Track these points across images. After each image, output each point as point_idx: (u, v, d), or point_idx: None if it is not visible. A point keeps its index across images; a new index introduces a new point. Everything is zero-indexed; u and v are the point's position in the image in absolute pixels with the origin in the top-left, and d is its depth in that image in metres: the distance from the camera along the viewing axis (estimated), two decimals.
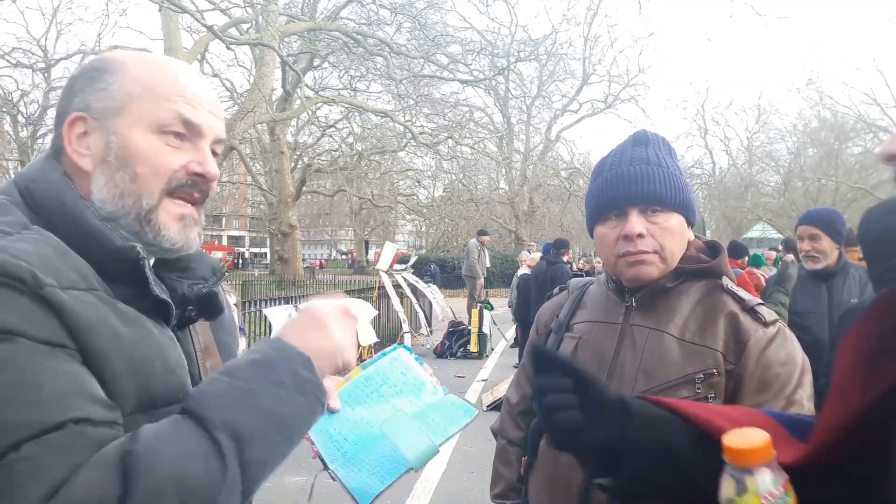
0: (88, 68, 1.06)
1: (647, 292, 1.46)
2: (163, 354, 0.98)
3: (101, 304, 0.92)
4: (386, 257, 11.54)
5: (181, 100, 1.04)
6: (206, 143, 1.07)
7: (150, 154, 1.01)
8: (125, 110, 1.02)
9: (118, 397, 0.90)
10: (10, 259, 0.85)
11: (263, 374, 0.92)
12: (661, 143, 1.50)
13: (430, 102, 22.65)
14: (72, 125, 1.03)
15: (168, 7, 10.61)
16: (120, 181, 1.01)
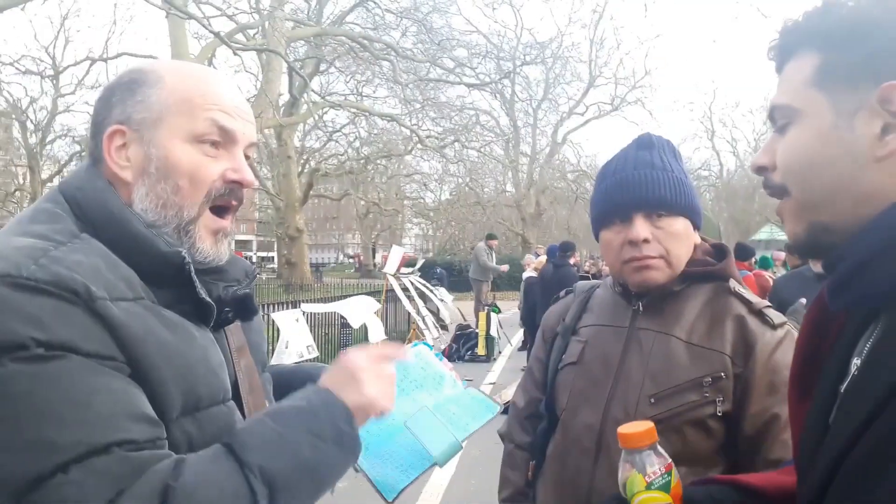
0: (126, 80, 1.07)
1: (654, 296, 1.46)
2: (206, 357, 1.01)
3: (148, 315, 0.94)
4: (393, 261, 11.55)
5: (216, 108, 1.05)
6: (241, 150, 1.09)
7: (189, 166, 1.03)
8: (163, 122, 1.03)
9: (165, 404, 0.92)
10: (66, 272, 0.88)
11: (306, 424, 0.97)
12: (666, 146, 1.50)
13: (436, 106, 22.66)
14: (111, 137, 1.04)
15: (175, 14, 10.66)
16: (161, 192, 1.03)
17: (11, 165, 27.91)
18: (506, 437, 1.73)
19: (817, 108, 0.79)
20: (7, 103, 23.61)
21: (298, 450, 0.94)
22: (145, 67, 1.09)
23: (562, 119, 34.93)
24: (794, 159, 0.81)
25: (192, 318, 1.02)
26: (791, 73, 0.84)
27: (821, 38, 0.81)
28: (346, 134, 25.47)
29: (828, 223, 0.79)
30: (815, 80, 0.80)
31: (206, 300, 1.03)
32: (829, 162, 0.78)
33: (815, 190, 0.79)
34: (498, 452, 1.75)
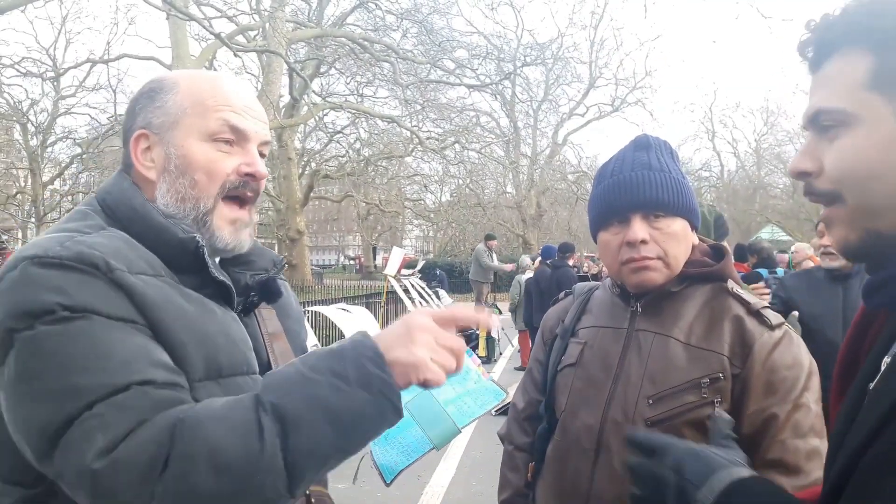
0: (146, 89, 1.18)
1: (652, 297, 1.46)
2: (226, 331, 1.09)
3: (166, 287, 1.05)
4: (394, 262, 11.56)
5: (227, 109, 1.15)
6: (254, 146, 1.18)
7: (204, 161, 1.13)
8: (180, 123, 1.14)
9: (186, 365, 1.01)
10: (87, 249, 0.99)
11: (329, 364, 0.95)
12: (663, 146, 1.50)
13: (436, 107, 22.65)
14: (136, 141, 1.16)
15: (176, 15, 10.67)
16: (181, 187, 1.13)
17: (12, 168, 27.91)
18: (505, 439, 1.73)
19: (877, 113, 0.77)
20: (8, 105, 23.61)
21: (317, 390, 0.92)
22: (163, 77, 1.20)
23: (562, 120, 34.95)
24: (853, 167, 0.78)
25: (217, 300, 1.12)
26: (837, 73, 0.80)
27: (874, 37, 0.77)
28: (346, 135, 25.47)
29: (885, 231, 0.78)
30: (872, 83, 0.77)
31: (220, 279, 1.12)
32: (890, 169, 0.76)
33: (877, 198, 0.78)
34: (498, 454, 1.75)
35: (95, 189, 1.28)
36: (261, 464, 0.88)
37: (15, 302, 0.95)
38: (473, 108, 27.13)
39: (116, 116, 19.19)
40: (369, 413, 0.93)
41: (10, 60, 19.44)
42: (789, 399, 1.34)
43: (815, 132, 0.82)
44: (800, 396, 1.34)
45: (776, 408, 1.32)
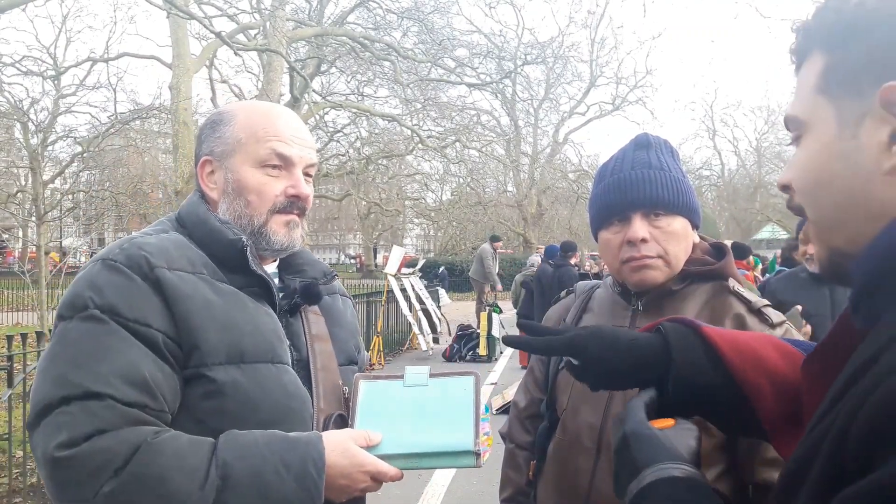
0: (210, 121, 1.39)
1: (653, 295, 1.46)
2: (254, 321, 1.25)
3: (200, 282, 1.22)
4: (394, 261, 11.55)
5: (276, 139, 1.33)
6: (298, 170, 1.36)
7: (256, 185, 1.32)
8: (236, 152, 1.33)
9: (207, 348, 1.18)
10: (136, 250, 1.20)
11: (282, 449, 1.13)
12: (663, 145, 1.50)
13: (437, 106, 22.63)
14: (202, 167, 1.37)
15: (176, 14, 10.66)
16: (237, 206, 1.33)
17: (13, 166, 27.86)
18: (507, 437, 1.73)
19: (822, 118, 0.71)
20: (8, 104, 23.58)
21: (264, 466, 1.10)
22: (225, 109, 1.41)
23: (563, 119, 34.94)
24: (803, 178, 0.74)
25: (258, 298, 1.29)
26: (801, 80, 0.76)
27: (824, 38, 0.72)
28: (347, 134, 25.44)
29: (844, 248, 0.71)
30: (821, 86, 0.72)
31: (258, 272, 1.29)
32: (834, 179, 0.70)
33: (826, 211, 0.72)
34: (499, 452, 1.75)
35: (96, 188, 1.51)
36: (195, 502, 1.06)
37: (72, 293, 1.18)
38: (474, 107, 27.11)
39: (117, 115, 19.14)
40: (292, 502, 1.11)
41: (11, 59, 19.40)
42: None
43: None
44: None
45: None
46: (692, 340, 0.93)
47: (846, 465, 0.56)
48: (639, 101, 32.78)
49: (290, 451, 1.12)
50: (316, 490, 1.11)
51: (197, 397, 1.19)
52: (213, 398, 1.18)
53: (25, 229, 29.51)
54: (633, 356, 0.94)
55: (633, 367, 0.94)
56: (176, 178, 13.61)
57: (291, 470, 1.10)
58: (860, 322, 0.70)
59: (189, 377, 1.19)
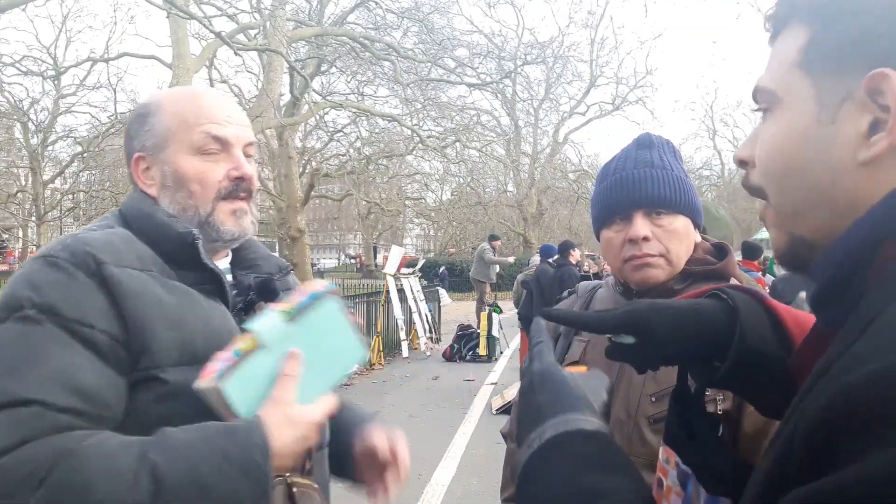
0: (135, 114, 1.31)
1: (655, 295, 1.46)
2: (207, 319, 1.18)
3: (149, 280, 1.15)
4: (393, 261, 11.56)
5: (207, 121, 1.26)
6: (237, 150, 1.29)
7: (195, 173, 1.26)
8: (169, 142, 1.26)
9: (159, 350, 1.11)
10: (80, 246, 1.12)
11: (221, 442, 1.04)
12: (666, 145, 1.51)
13: (437, 106, 22.64)
14: (136, 164, 1.29)
15: (176, 14, 10.66)
16: (180, 199, 1.26)
17: (13, 167, 27.89)
18: (508, 437, 1.73)
19: (799, 95, 0.66)
20: (9, 104, 23.60)
21: (199, 463, 1.00)
22: (149, 101, 1.32)
23: (563, 119, 34.93)
24: (770, 158, 0.68)
25: (211, 295, 1.22)
26: (777, 51, 0.70)
27: (809, 11, 0.67)
28: (347, 134, 25.45)
29: (808, 238, 0.67)
30: (801, 61, 0.66)
31: (210, 266, 1.22)
32: (805, 164, 0.65)
33: (792, 197, 0.67)
34: (499, 452, 1.75)
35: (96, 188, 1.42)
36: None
37: (8, 293, 1.10)
38: (474, 107, 27.11)
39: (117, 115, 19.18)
40: (241, 496, 1.02)
41: (11, 59, 19.43)
42: None
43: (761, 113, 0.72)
44: None
45: None
46: (759, 310, 0.84)
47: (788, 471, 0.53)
48: (639, 101, 32.79)
49: (230, 443, 1.03)
50: (264, 478, 1.03)
51: (148, 401, 1.11)
52: (165, 401, 1.11)
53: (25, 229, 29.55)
54: (700, 326, 0.83)
55: (697, 337, 0.83)
56: None
57: (234, 462, 1.02)
58: (822, 322, 0.68)
59: (138, 380, 1.11)
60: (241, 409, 1.08)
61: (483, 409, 7.75)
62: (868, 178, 0.62)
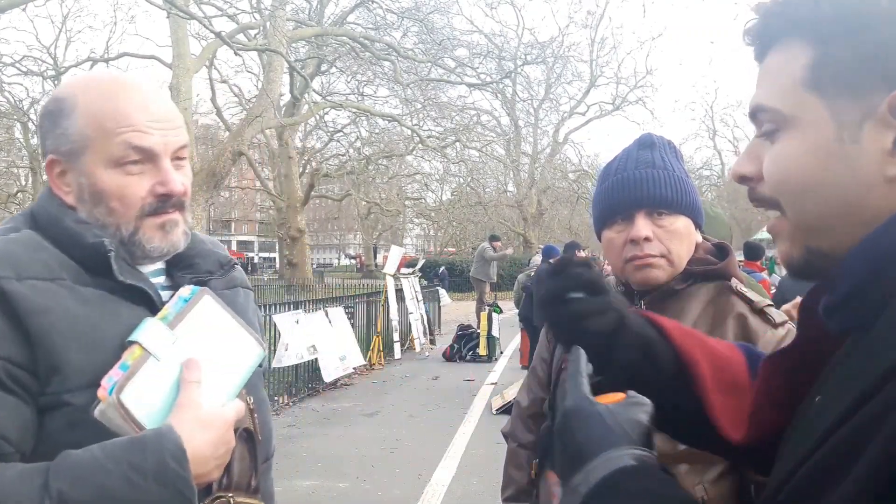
0: (46, 111, 1.13)
1: (656, 295, 1.46)
2: (128, 332, 1.05)
3: (59, 290, 1.03)
4: (393, 261, 11.56)
5: (128, 129, 1.08)
6: (165, 161, 1.12)
7: (116, 188, 1.09)
8: (86, 150, 1.09)
9: (68, 369, 0.99)
10: None
11: (127, 455, 0.94)
12: (667, 146, 1.51)
13: (437, 106, 22.66)
14: (50, 167, 1.13)
15: (176, 14, 10.66)
16: (98, 214, 1.11)
17: (13, 167, 27.91)
18: (509, 436, 1.73)
19: (814, 116, 0.67)
20: (9, 104, 23.60)
21: (109, 481, 0.92)
22: (61, 94, 1.13)
23: (563, 119, 34.96)
24: (789, 176, 0.69)
25: (137, 302, 1.10)
26: (777, 67, 0.71)
27: (813, 29, 0.67)
28: (347, 134, 25.48)
29: (826, 250, 0.69)
30: (810, 82, 0.67)
31: (128, 283, 1.09)
32: (831, 182, 0.66)
33: (815, 213, 0.68)
34: (499, 452, 1.75)
35: None
36: None
37: None
38: (474, 107, 27.14)
39: None
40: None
41: (11, 59, 19.44)
42: None
43: (758, 130, 0.74)
44: None
45: None
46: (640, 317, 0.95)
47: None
48: (639, 101, 32.81)
49: (138, 454, 0.94)
50: (184, 483, 0.95)
51: (60, 428, 1.00)
52: (78, 428, 0.99)
53: None
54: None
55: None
56: None
57: (147, 473, 0.93)
58: (838, 324, 0.68)
59: (48, 405, 1.00)
60: (146, 421, 1.00)
61: (483, 409, 7.75)
62: (894, 192, 0.64)
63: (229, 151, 13.86)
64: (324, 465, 5.59)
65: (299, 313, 8.06)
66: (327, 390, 8.70)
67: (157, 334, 1.06)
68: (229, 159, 13.85)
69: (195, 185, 13.13)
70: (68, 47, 48.56)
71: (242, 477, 1.12)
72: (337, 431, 6.79)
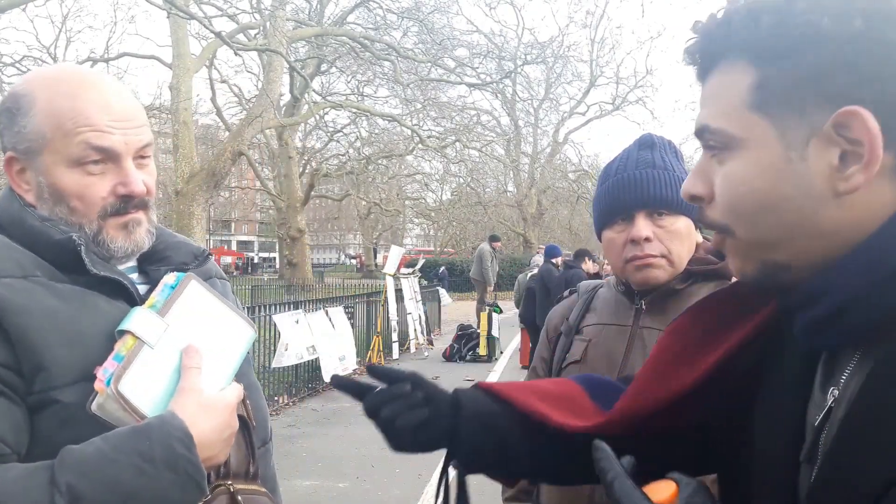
0: (4, 108, 1.10)
1: (656, 294, 1.46)
2: (109, 326, 1.04)
3: (35, 287, 1.01)
4: (392, 261, 11.56)
5: (87, 129, 1.06)
6: (127, 160, 1.10)
7: (76, 189, 1.07)
8: (44, 150, 1.07)
9: (54, 366, 0.98)
10: None
11: (134, 444, 0.93)
12: (667, 146, 1.51)
13: (437, 106, 22.68)
14: (9, 165, 1.11)
15: (176, 14, 10.67)
16: (60, 213, 1.09)
17: None
18: None
19: (761, 136, 0.67)
20: None
21: (117, 471, 0.91)
22: (19, 91, 1.10)
23: (563, 119, 34.97)
24: (742, 197, 0.69)
25: (115, 295, 1.09)
26: (721, 88, 0.71)
27: (754, 50, 0.67)
28: (346, 134, 25.49)
29: (784, 262, 0.69)
30: (755, 102, 0.67)
31: (102, 275, 1.07)
32: (783, 200, 0.67)
33: (768, 231, 0.69)
34: None
35: None
36: None
37: None
38: (474, 107, 27.16)
39: None
40: (173, 494, 0.93)
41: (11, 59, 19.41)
42: None
43: (705, 150, 0.73)
44: None
45: None
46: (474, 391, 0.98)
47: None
48: (639, 101, 32.82)
49: (145, 442, 0.93)
50: (193, 467, 0.94)
51: (52, 428, 0.98)
52: (71, 426, 0.98)
53: None
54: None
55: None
56: (176, 177, 13.61)
57: (155, 460, 0.92)
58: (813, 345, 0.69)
59: (37, 404, 0.98)
60: (147, 410, 0.99)
61: None
62: (848, 206, 0.65)
63: (229, 151, 13.86)
64: (324, 465, 5.60)
65: (299, 313, 8.06)
66: (327, 390, 8.70)
67: (148, 322, 1.04)
68: (229, 159, 13.85)
69: (195, 184, 13.18)
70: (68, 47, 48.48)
71: (240, 464, 1.12)
72: (337, 431, 6.79)
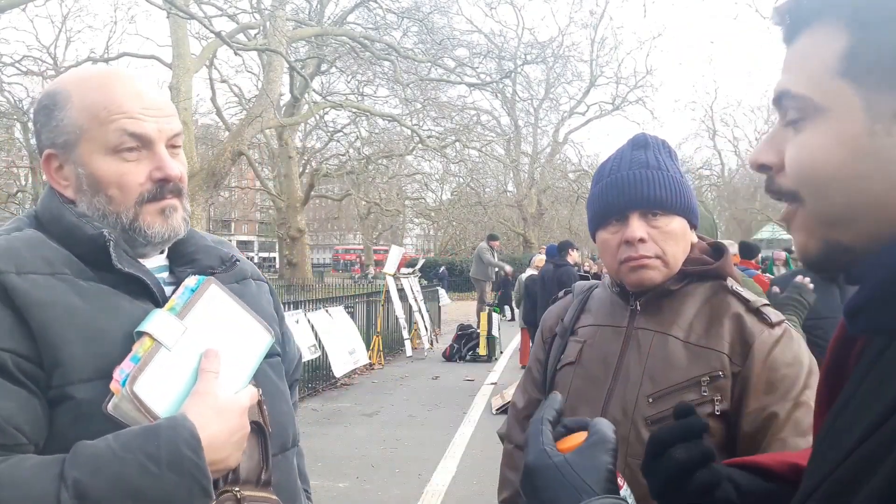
0: (41, 106, 1.15)
1: (651, 295, 1.46)
2: (129, 325, 1.06)
3: (59, 284, 1.04)
4: (392, 261, 11.56)
5: (122, 116, 1.10)
6: (161, 146, 1.14)
7: (114, 176, 1.11)
8: (81, 141, 1.11)
9: (72, 363, 1.00)
10: None
11: (142, 443, 0.96)
12: (661, 145, 1.50)
13: (437, 106, 22.65)
14: (48, 162, 1.15)
15: (176, 14, 10.66)
16: (98, 204, 1.13)
17: (13, 166, 27.90)
18: (505, 438, 1.73)
19: (846, 106, 0.63)
20: (9, 104, 23.60)
21: (124, 469, 0.93)
22: (54, 89, 1.15)
23: (563, 118, 34.97)
24: (814, 167, 0.66)
25: (139, 296, 1.11)
26: (808, 51, 0.66)
27: (852, 11, 0.63)
28: (346, 134, 25.48)
29: (848, 244, 0.66)
30: (844, 69, 0.63)
31: (126, 271, 1.10)
32: (859, 176, 0.63)
33: (838, 206, 0.65)
34: (500, 451, 1.75)
35: None
36: None
37: None
38: (474, 107, 27.15)
39: None
40: (177, 496, 0.95)
41: (11, 59, 19.43)
42: (789, 397, 1.33)
43: (782, 118, 0.70)
44: (800, 394, 1.34)
45: (776, 406, 1.32)
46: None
47: None
48: (639, 100, 32.81)
49: (153, 442, 0.95)
50: (198, 470, 0.96)
51: (67, 424, 1.01)
52: (84, 423, 1.00)
53: None
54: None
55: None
56: None
57: (161, 462, 0.94)
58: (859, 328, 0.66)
59: (54, 399, 1.01)
60: (161, 411, 1.01)
61: (483, 409, 7.75)
62: None
63: (229, 151, 13.86)
64: (324, 465, 5.59)
65: (299, 313, 8.07)
66: (327, 390, 8.71)
67: (166, 325, 1.06)
68: (229, 159, 13.85)
69: (195, 184, 13.16)
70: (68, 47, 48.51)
71: (251, 471, 1.13)
72: (337, 431, 6.79)
